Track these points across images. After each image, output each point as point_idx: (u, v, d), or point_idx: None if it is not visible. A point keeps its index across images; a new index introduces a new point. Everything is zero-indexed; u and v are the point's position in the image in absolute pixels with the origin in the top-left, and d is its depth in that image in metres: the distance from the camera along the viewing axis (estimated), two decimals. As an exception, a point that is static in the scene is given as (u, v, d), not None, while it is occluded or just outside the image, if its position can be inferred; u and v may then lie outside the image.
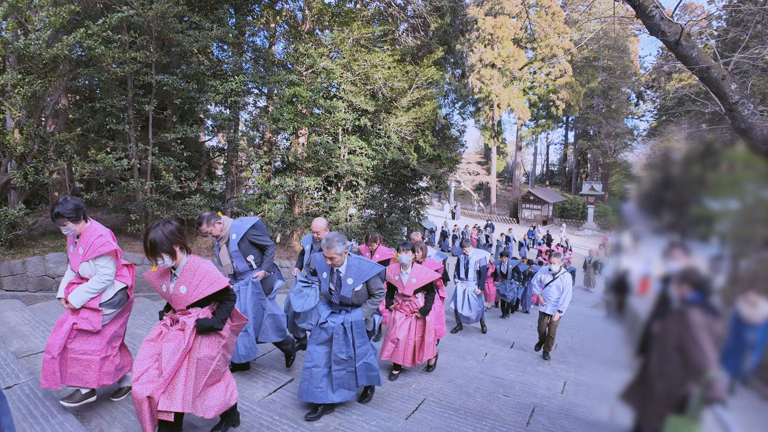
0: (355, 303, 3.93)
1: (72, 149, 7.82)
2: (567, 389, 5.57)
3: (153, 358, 2.85)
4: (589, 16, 35.31)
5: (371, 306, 3.97)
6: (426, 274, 5.06)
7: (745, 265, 1.26)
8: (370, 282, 3.92)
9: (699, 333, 1.10)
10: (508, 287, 11.11)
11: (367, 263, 3.91)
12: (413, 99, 13.63)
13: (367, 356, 3.99)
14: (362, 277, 3.86)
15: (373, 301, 3.97)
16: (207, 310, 3.03)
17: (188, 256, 2.99)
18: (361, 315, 3.93)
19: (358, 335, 3.92)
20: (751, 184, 1.33)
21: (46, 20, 6.81)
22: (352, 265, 3.88)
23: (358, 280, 3.86)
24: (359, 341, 3.93)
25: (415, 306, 5.14)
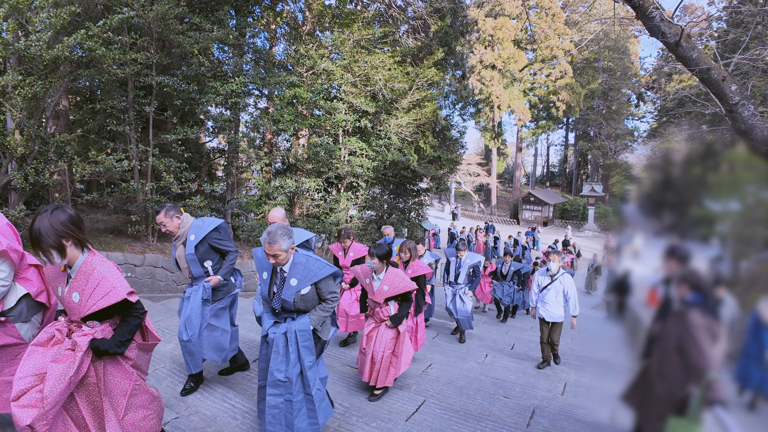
0: (300, 309, 3.23)
1: (72, 150, 7.83)
2: (567, 391, 5.56)
3: (37, 376, 2.32)
4: (590, 17, 35.33)
5: (321, 313, 3.27)
6: (400, 282, 4.34)
7: (745, 266, 1.26)
8: (320, 284, 3.25)
9: (699, 334, 1.10)
10: (505, 290, 10.52)
11: (316, 262, 3.26)
12: (413, 100, 13.64)
13: (318, 383, 3.27)
14: (309, 277, 3.19)
15: (325, 308, 3.29)
16: (107, 326, 2.50)
17: (86, 253, 2.45)
18: (309, 323, 3.21)
19: (306, 350, 3.16)
20: (752, 186, 1.33)
21: (46, 21, 6.82)
22: (297, 264, 3.21)
23: (304, 282, 3.19)
24: (309, 359, 3.17)
25: (386, 314, 4.46)
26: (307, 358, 3.16)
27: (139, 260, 8.44)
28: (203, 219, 4.02)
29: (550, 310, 6.28)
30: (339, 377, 4.86)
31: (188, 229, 3.95)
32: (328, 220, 12.59)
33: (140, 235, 8.95)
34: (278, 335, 3.15)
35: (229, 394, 3.93)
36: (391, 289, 4.34)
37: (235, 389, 4.14)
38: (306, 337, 3.19)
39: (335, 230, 12.53)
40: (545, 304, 6.30)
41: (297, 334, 3.16)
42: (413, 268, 5.38)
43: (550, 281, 6.27)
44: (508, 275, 10.61)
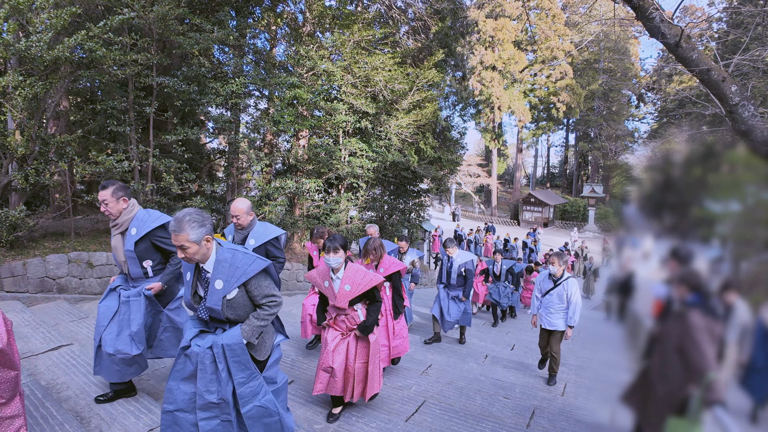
0: (230, 318, 2.66)
1: (73, 151, 7.83)
2: (567, 391, 5.56)
3: None
4: (590, 18, 35.37)
5: (255, 323, 2.68)
6: (363, 277, 3.70)
7: (745, 267, 1.26)
8: (250, 285, 2.66)
9: (699, 335, 1.10)
10: (501, 291, 9.88)
11: (245, 257, 2.66)
12: (414, 101, 13.64)
13: (259, 397, 2.75)
14: (236, 277, 2.61)
15: (260, 316, 2.68)
16: None
17: None
18: (240, 336, 2.64)
19: (237, 366, 2.65)
20: (752, 186, 1.33)
21: (47, 22, 6.83)
22: (222, 261, 2.63)
23: (230, 283, 2.61)
24: (240, 375, 2.67)
25: (354, 321, 3.79)
26: (238, 374, 2.67)
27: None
28: (149, 212, 3.54)
29: (553, 320, 5.59)
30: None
31: (131, 219, 3.47)
32: (328, 221, 12.59)
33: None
34: (203, 350, 2.63)
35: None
36: (354, 288, 3.68)
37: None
38: (237, 353, 2.64)
39: (335, 231, 12.53)
40: (549, 312, 5.61)
41: (225, 349, 2.62)
42: (384, 266, 4.88)
43: (553, 285, 5.57)
44: (501, 275, 10.07)
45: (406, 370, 5.50)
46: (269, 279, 2.77)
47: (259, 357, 2.79)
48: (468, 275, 7.08)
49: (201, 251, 2.56)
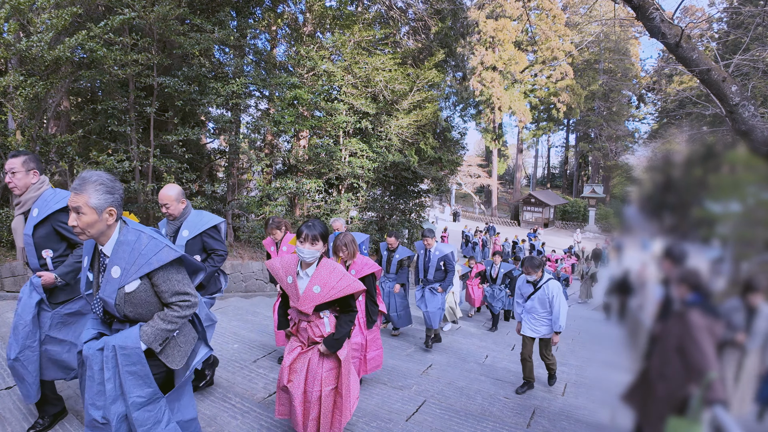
0: (129, 317, 2.12)
1: (73, 151, 7.84)
2: (568, 391, 5.56)
3: None
4: (590, 18, 35.37)
5: (161, 325, 2.11)
6: (339, 280, 2.89)
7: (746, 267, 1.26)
8: (156, 277, 2.12)
9: (699, 335, 1.10)
10: (496, 294, 9.34)
11: (151, 242, 2.11)
12: (414, 101, 13.65)
13: (161, 426, 2.13)
14: (138, 265, 2.07)
15: (167, 317, 2.13)
16: None
17: None
18: (137, 338, 2.06)
19: (133, 380, 2.06)
20: (753, 187, 1.33)
21: (48, 22, 6.84)
22: (124, 243, 2.09)
23: (129, 273, 2.06)
24: (137, 393, 2.06)
25: (317, 332, 2.98)
26: (133, 390, 2.05)
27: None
28: (56, 191, 2.94)
29: (537, 326, 5.13)
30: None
31: (36, 197, 2.90)
32: (328, 221, 12.60)
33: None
34: (93, 352, 2.08)
35: (230, 394, 3.93)
36: (324, 291, 2.86)
37: (236, 389, 4.14)
38: (132, 360, 2.05)
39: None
40: (532, 318, 5.15)
41: (117, 351, 2.04)
42: (356, 268, 4.21)
43: (533, 289, 5.12)
44: (498, 278, 9.42)
45: (407, 370, 5.50)
46: (182, 273, 2.23)
47: (170, 365, 2.20)
48: (448, 267, 6.57)
49: (99, 225, 2.04)
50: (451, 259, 6.57)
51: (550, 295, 4.97)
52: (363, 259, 4.29)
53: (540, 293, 5.05)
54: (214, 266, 3.66)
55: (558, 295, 4.95)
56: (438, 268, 6.57)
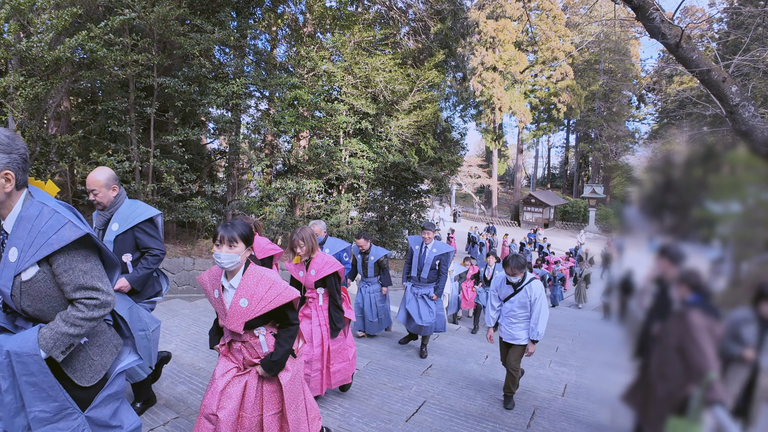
0: (27, 312, 1.75)
1: (74, 151, 7.85)
2: (568, 392, 5.56)
3: None
4: (590, 18, 35.37)
5: (63, 327, 1.71)
6: (268, 289, 2.41)
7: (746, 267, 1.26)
8: (57, 266, 1.72)
9: (699, 335, 1.10)
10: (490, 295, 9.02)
11: (53, 217, 1.72)
12: (414, 102, 13.65)
13: None
14: (36, 248, 1.67)
15: (69, 318, 1.72)
16: None
17: None
18: (34, 343, 1.69)
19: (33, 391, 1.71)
20: (753, 187, 1.33)
21: (48, 23, 6.84)
22: (25, 219, 1.72)
23: (26, 255, 1.67)
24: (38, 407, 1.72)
25: (255, 354, 2.53)
26: (35, 404, 1.70)
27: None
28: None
29: (514, 331, 4.53)
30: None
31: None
32: (329, 221, 12.59)
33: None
34: None
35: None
36: (253, 305, 2.37)
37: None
38: (30, 369, 1.68)
39: (336, 232, 12.53)
40: (509, 323, 4.57)
41: (12, 358, 1.69)
42: (317, 267, 3.76)
43: (513, 291, 4.52)
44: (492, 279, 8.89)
45: (407, 371, 5.50)
46: (92, 262, 1.79)
47: (79, 381, 1.82)
48: (442, 269, 5.99)
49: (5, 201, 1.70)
50: (447, 261, 6.03)
51: (532, 297, 4.38)
52: (324, 257, 3.81)
53: (521, 295, 4.45)
54: (148, 268, 3.15)
55: (541, 297, 4.38)
56: (433, 267, 5.97)
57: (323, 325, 3.90)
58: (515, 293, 4.49)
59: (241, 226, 2.41)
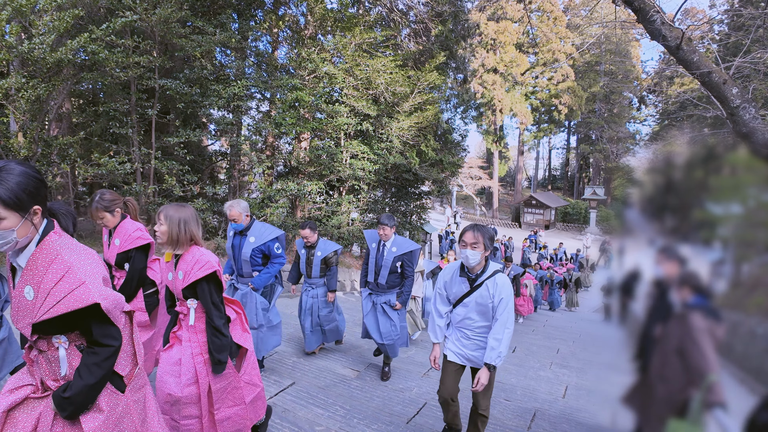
0: None
1: (75, 153, 7.86)
2: (569, 394, 5.55)
3: None
4: (591, 20, 35.40)
5: None
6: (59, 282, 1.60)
7: (747, 269, 1.26)
8: None
9: (700, 337, 1.10)
10: None
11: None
12: (415, 104, 13.67)
13: None
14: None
15: None
16: None
17: None
18: None
19: None
20: (754, 188, 1.33)
21: (50, 25, 6.86)
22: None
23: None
24: None
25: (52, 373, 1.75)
26: None
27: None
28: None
29: (469, 350, 3.20)
30: (339, 379, 4.85)
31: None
32: (329, 223, 12.59)
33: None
34: None
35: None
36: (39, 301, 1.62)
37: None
38: None
39: (336, 233, 12.54)
40: (464, 336, 3.21)
41: None
42: (185, 267, 2.51)
43: (470, 288, 3.10)
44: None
45: (407, 372, 5.49)
46: None
47: None
48: (406, 271, 4.84)
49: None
50: (412, 261, 4.86)
51: (496, 298, 2.98)
52: (197, 254, 2.53)
53: (479, 294, 3.05)
54: None
55: (508, 299, 2.98)
56: (393, 271, 4.80)
57: (199, 355, 2.58)
58: (472, 291, 3.06)
59: (16, 182, 1.54)
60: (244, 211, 4.35)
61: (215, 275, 2.54)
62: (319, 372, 4.99)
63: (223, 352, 2.58)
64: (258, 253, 4.38)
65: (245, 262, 4.39)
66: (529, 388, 5.59)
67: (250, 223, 4.41)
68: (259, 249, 4.36)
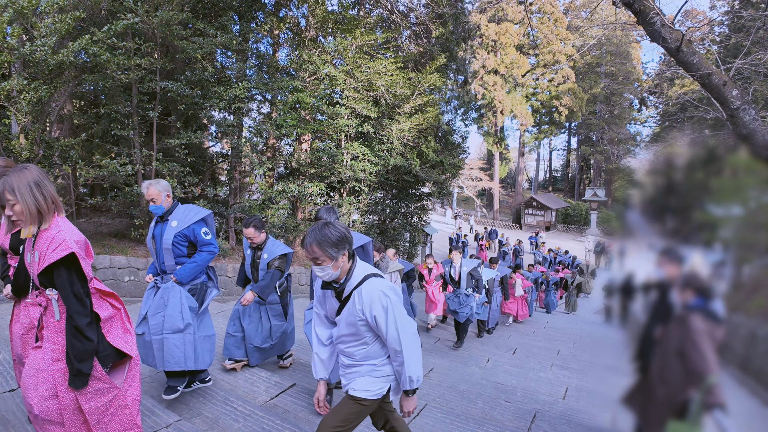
0: None
1: (77, 154, 7.87)
2: (569, 395, 5.55)
3: None
4: (591, 22, 35.43)
5: None
6: None
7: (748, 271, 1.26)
8: None
9: (700, 339, 1.10)
10: (462, 300, 7.20)
11: None
12: (416, 105, 13.67)
13: None
14: None
15: None
16: None
17: None
18: None
19: None
20: (754, 190, 1.34)
21: (51, 26, 6.88)
22: None
23: None
24: None
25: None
26: None
27: (143, 264, 8.46)
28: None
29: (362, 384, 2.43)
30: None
31: None
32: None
33: (144, 239, 8.97)
34: None
35: (231, 397, 3.93)
36: None
37: (237, 392, 4.14)
38: None
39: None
40: (344, 367, 2.53)
41: None
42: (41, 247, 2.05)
43: (340, 303, 2.37)
44: (461, 280, 7.30)
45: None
46: None
47: None
48: None
49: None
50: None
51: (368, 314, 2.25)
52: (56, 230, 2.07)
53: (347, 310, 2.31)
54: None
55: (386, 310, 2.24)
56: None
57: (59, 361, 2.09)
58: (343, 306, 2.34)
59: None
60: (164, 191, 3.67)
61: (74, 259, 2.04)
62: (319, 373, 4.99)
63: (85, 361, 2.04)
64: (182, 240, 3.67)
65: (167, 253, 3.65)
66: (529, 389, 5.60)
67: (173, 206, 3.74)
68: (182, 234, 3.66)
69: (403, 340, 2.25)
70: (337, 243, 2.19)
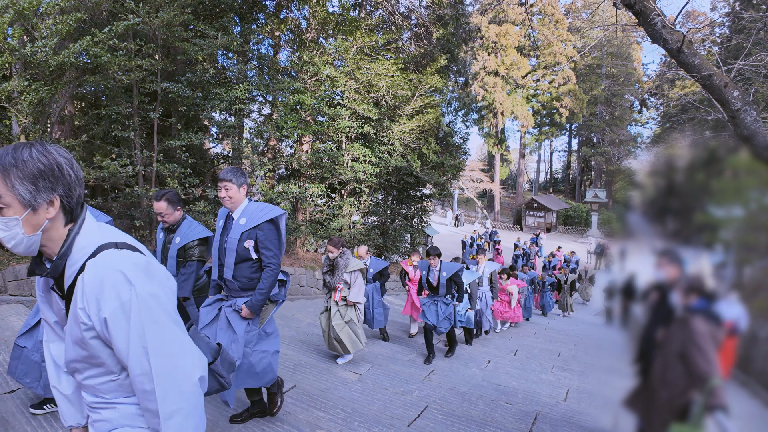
0: None
1: (77, 155, 7.88)
2: (570, 397, 5.53)
3: None
4: (592, 23, 35.45)
5: None
6: None
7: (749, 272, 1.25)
8: None
9: (703, 341, 1.09)
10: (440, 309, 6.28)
11: None
12: (416, 107, 13.68)
13: None
14: None
15: None
16: None
17: None
18: None
19: None
20: (755, 191, 1.33)
21: (52, 28, 6.89)
22: None
23: None
24: None
25: None
26: None
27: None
28: None
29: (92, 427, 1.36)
30: (340, 382, 4.85)
31: None
32: (331, 225, 12.60)
33: (144, 240, 8.97)
34: None
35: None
36: None
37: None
38: None
39: (338, 236, 12.54)
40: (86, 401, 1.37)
41: None
42: None
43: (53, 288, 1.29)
44: (440, 285, 6.36)
45: (409, 375, 5.49)
46: None
47: None
48: None
49: None
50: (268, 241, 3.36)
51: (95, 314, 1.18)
52: None
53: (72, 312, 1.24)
54: None
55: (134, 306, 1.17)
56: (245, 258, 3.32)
57: None
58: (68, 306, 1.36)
59: None
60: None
61: None
62: (319, 375, 4.99)
63: None
64: None
65: None
66: (530, 391, 5.58)
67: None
68: None
69: (157, 371, 1.18)
70: (40, 176, 1.15)
